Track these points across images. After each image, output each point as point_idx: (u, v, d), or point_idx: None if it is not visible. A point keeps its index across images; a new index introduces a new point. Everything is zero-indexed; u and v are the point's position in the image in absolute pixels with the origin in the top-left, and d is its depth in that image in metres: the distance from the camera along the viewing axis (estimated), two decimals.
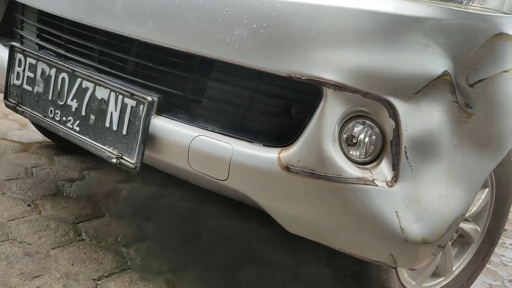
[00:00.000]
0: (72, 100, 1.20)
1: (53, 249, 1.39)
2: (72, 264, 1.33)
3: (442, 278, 1.59)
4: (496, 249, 2.75)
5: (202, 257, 1.57)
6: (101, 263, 1.37)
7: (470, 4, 1.00)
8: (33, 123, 2.13)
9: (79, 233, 1.52)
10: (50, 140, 2.27)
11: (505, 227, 3.34)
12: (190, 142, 1.04)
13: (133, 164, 1.08)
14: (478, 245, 1.66)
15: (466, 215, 1.55)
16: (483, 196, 1.55)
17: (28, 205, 1.61)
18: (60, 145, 2.24)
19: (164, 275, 1.41)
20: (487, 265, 1.81)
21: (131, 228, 1.63)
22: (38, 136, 2.31)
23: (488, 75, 1.02)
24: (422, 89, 0.98)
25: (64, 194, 1.77)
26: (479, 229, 1.62)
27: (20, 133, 2.35)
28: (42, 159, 2.07)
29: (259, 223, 1.97)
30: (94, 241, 1.49)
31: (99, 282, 1.29)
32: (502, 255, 2.73)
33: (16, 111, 1.33)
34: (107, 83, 1.13)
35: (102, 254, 1.42)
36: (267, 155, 0.99)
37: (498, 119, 1.07)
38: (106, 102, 1.13)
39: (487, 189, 1.54)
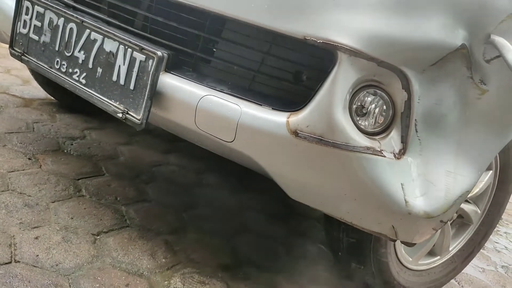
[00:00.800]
0: (79, 51, 1.17)
1: (53, 202, 1.38)
2: (72, 218, 1.33)
3: (438, 257, 1.60)
4: (491, 236, 2.78)
5: (201, 223, 1.57)
6: (101, 219, 1.37)
7: None
8: (36, 79, 2.10)
9: (79, 189, 1.51)
10: (52, 98, 2.25)
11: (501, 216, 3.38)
12: (198, 101, 1.02)
13: (139, 120, 1.07)
14: (476, 227, 1.67)
15: (468, 196, 1.55)
16: (486, 178, 1.54)
17: (29, 159, 1.60)
18: (62, 103, 2.22)
19: (163, 235, 1.41)
20: (482, 250, 1.82)
21: (131, 189, 1.62)
22: (40, 93, 2.29)
23: None
24: (438, 61, 0.96)
25: (65, 151, 1.76)
26: (479, 211, 1.62)
27: (22, 88, 2.32)
28: (43, 115, 2.05)
29: (257, 195, 1.97)
30: (94, 198, 1.49)
31: (98, 237, 1.29)
32: (496, 242, 2.76)
33: (22, 60, 1.31)
34: (116, 36, 1.10)
35: (102, 211, 1.42)
36: (275, 119, 0.97)
37: (511, 97, 1.05)
38: (114, 55, 1.11)
39: (491, 171, 1.53)
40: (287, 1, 0.93)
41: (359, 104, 0.98)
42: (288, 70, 1.03)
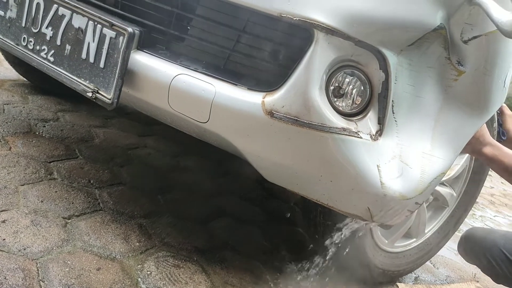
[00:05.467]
0: (47, 28, 1.12)
1: (22, 185, 1.34)
2: (42, 202, 1.29)
3: (414, 239, 1.61)
4: (466, 219, 2.83)
5: (176, 207, 1.54)
6: (72, 203, 1.33)
7: None
8: (7, 59, 2.02)
9: (50, 172, 1.47)
10: (25, 79, 2.18)
11: (476, 200, 3.45)
12: (171, 81, 0.99)
13: (110, 99, 1.03)
14: (452, 210, 1.68)
15: (444, 179, 1.56)
16: (462, 161, 1.55)
17: None
18: (35, 84, 2.15)
19: (137, 219, 1.38)
20: (457, 233, 1.85)
21: (105, 172, 1.58)
22: (12, 73, 2.21)
23: (484, 32, 0.99)
24: (415, 42, 0.95)
25: (37, 133, 1.71)
26: (455, 194, 1.64)
27: None
28: (15, 97, 1.98)
29: (236, 179, 1.96)
30: (66, 181, 1.44)
31: (69, 220, 1.26)
32: (471, 225, 2.81)
33: None
34: (85, 11, 1.05)
35: (74, 194, 1.38)
36: (251, 99, 0.95)
37: (488, 79, 1.05)
38: (83, 32, 1.06)
39: (467, 154, 1.54)
40: None
41: (336, 85, 0.96)
42: (264, 49, 1.00)
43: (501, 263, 1.47)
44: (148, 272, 1.17)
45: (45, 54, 1.13)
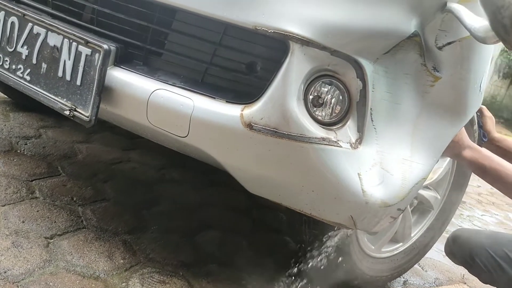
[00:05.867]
0: (22, 46, 1.11)
1: (3, 206, 1.32)
2: (23, 222, 1.27)
3: (401, 243, 1.62)
4: (453, 220, 2.84)
5: (161, 221, 1.53)
6: (55, 222, 1.32)
7: None
8: None
9: (32, 191, 1.45)
10: (6, 96, 2.15)
11: (464, 200, 3.48)
12: (149, 96, 0.99)
13: (87, 117, 1.02)
14: (437, 213, 1.69)
15: (427, 182, 1.57)
16: (444, 164, 1.57)
17: None
18: (17, 101, 2.13)
19: (121, 235, 1.37)
20: (444, 233, 1.86)
21: (88, 189, 1.57)
22: None
23: (457, 38, 1.00)
24: (391, 50, 0.96)
25: (18, 151, 1.68)
26: (439, 197, 1.65)
27: None
28: None
29: (221, 189, 1.95)
30: (48, 199, 1.43)
31: (52, 240, 1.24)
32: (459, 226, 2.83)
33: None
34: (60, 29, 1.05)
35: (56, 213, 1.36)
36: (229, 112, 0.95)
37: (464, 84, 1.06)
38: (59, 50, 1.05)
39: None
40: None
41: (315, 94, 0.96)
42: (241, 61, 1.00)
43: (488, 264, 1.47)
44: None
45: (21, 73, 1.12)
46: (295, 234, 1.43)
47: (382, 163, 1.03)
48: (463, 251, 1.54)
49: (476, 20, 0.92)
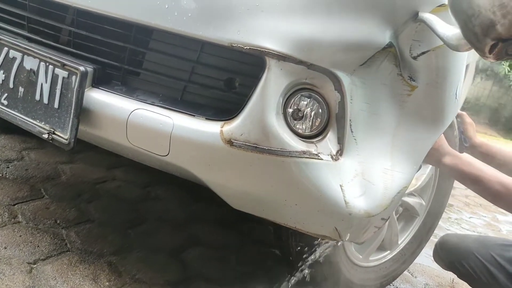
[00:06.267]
0: None
1: None
2: (5, 248, 1.25)
3: (388, 251, 1.62)
4: (442, 223, 2.86)
5: (147, 240, 1.52)
6: (38, 246, 1.30)
7: None
8: None
9: (14, 215, 1.43)
10: None
11: (451, 203, 3.50)
12: (128, 116, 0.98)
13: (66, 139, 1.01)
14: (423, 219, 1.71)
15: (412, 189, 1.58)
16: (427, 170, 1.58)
17: None
18: None
19: (106, 257, 1.35)
20: (432, 238, 1.87)
21: (71, 210, 1.55)
22: None
23: (431, 47, 1.02)
24: (367, 61, 0.97)
25: (0, 175, 1.66)
26: (424, 203, 1.66)
27: None
28: None
29: (208, 204, 1.94)
30: (31, 223, 1.40)
31: (35, 265, 1.22)
32: (447, 229, 2.85)
33: None
34: (36, 53, 1.04)
35: (39, 237, 1.34)
36: (209, 129, 0.95)
37: (440, 92, 1.08)
38: (35, 73, 1.05)
39: None
40: (210, 8, 0.91)
41: (295, 107, 0.97)
42: (219, 78, 1.00)
43: (476, 268, 1.48)
44: None
45: None
46: (283, 246, 1.43)
47: (364, 173, 1.03)
48: (451, 256, 1.55)
49: (448, 28, 0.94)
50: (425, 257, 2.16)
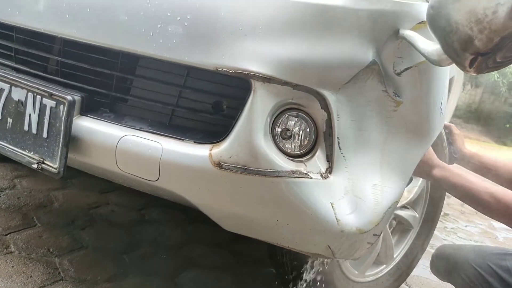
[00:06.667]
0: None
1: None
2: None
3: (384, 265, 1.62)
4: (438, 233, 2.86)
5: (142, 264, 1.51)
6: (31, 276, 1.28)
7: None
8: None
9: (7, 245, 1.42)
10: None
11: (447, 212, 3.50)
12: (117, 142, 0.99)
13: (56, 168, 1.01)
14: (417, 231, 1.71)
15: (404, 202, 1.59)
16: (419, 183, 1.59)
17: None
18: None
19: (100, 284, 1.34)
20: (429, 248, 1.87)
21: (65, 238, 1.54)
22: None
23: (414, 63, 1.04)
24: (351, 79, 0.98)
25: None
26: (417, 215, 1.67)
27: None
28: None
29: (202, 225, 1.93)
30: (23, 253, 1.39)
31: None
32: (444, 239, 2.84)
33: None
34: (23, 84, 1.05)
35: (32, 267, 1.33)
36: (198, 153, 0.95)
37: (425, 106, 1.09)
38: (23, 104, 1.05)
39: None
40: (194, 34, 0.92)
41: (283, 127, 0.98)
42: (207, 102, 1.02)
43: (474, 279, 1.48)
44: None
45: None
46: (278, 265, 1.42)
47: (354, 190, 1.04)
48: (448, 268, 1.55)
49: (429, 44, 0.95)
50: (423, 268, 2.15)
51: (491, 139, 8.94)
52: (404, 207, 1.61)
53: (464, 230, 3.20)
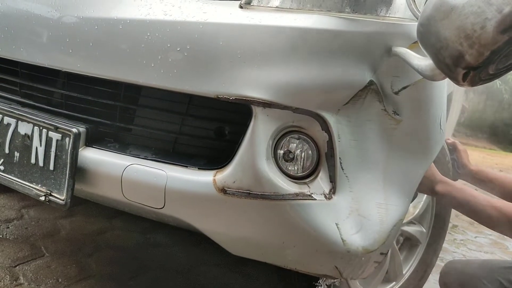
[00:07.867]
0: None
1: None
2: None
3: (394, 283, 1.61)
4: (448, 246, 2.84)
5: None
6: None
7: (387, 15, 1.02)
8: None
9: (16, 277, 1.42)
10: None
11: (456, 223, 3.48)
12: (123, 172, 1.00)
13: (63, 200, 1.03)
14: (425, 246, 1.70)
15: (411, 217, 1.59)
16: (424, 197, 1.59)
17: None
18: None
19: None
20: (439, 262, 1.85)
21: (72, 266, 1.54)
22: None
23: (411, 82, 1.05)
24: (350, 100, 1.00)
25: (1, 236, 1.66)
26: (424, 230, 1.66)
27: None
28: None
29: (209, 247, 1.92)
30: (33, 284, 1.40)
31: None
32: (454, 252, 2.82)
33: None
34: (29, 118, 1.07)
35: None
36: (202, 179, 0.97)
37: (424, 123, 1.10)
38: (30, 138, 1.07)
39: None
40: (195, 63, 0.94)
41: (285, 149, 0.99)
42: (209, 128, 1.03)
43: None
44: None
45: None
46: (286, 286, 1.42)
47: (359, 209, 1.04)
48: (458, 285, 1.53)
49: (422, 60, 0.96)
50: (434, 283, 2.13)
51: (498, 147, 8.90)
52: (410, 222, 1.61)
53: (473, 241, 3.17)
